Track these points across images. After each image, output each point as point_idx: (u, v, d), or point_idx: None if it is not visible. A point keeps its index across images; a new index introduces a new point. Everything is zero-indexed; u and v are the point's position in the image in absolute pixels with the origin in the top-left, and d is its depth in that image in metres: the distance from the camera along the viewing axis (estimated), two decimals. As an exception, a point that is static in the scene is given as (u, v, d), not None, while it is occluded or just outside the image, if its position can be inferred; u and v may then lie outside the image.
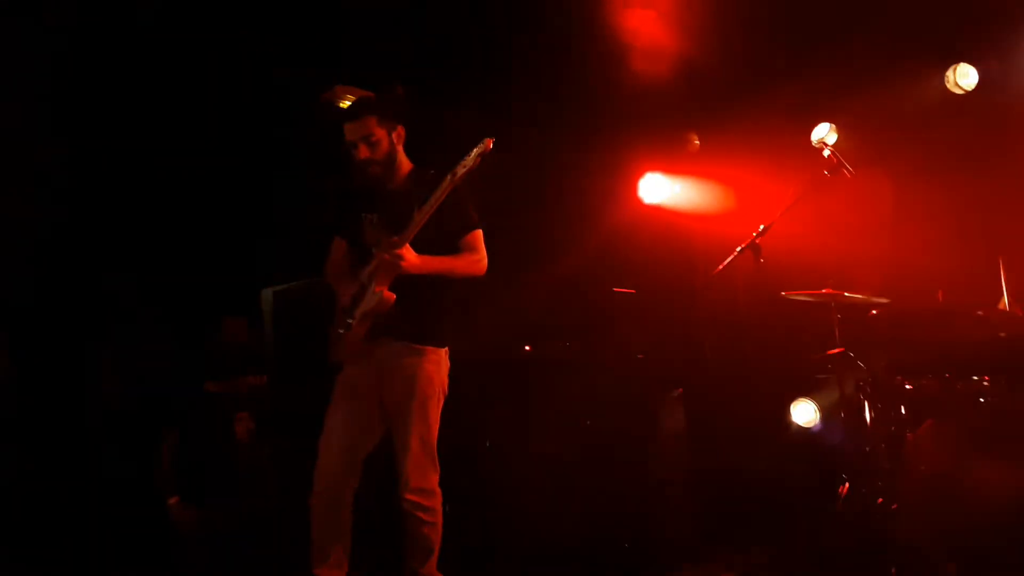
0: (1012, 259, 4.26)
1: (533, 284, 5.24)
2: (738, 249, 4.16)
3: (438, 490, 3.60)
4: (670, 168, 5.93)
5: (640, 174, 5.93)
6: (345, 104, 5.38)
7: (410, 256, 3.44)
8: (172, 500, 4.40)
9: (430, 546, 3.58)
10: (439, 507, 3.59)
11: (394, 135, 3.70)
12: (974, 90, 5.04)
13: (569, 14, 5.07)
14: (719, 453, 5.11)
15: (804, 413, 5.09)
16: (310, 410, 4.49)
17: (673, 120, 5.81)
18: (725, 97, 5.52)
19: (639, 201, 5.92)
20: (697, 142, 5.93)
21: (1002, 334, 4.14)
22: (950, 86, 5.07)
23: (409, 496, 3.51)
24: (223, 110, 5.07)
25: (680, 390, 5.24)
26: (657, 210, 5.92)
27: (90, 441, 4.65)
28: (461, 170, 3.36)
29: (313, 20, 4.91)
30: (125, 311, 4.97)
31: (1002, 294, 4.23)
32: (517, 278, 5.03)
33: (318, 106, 5.34)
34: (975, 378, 3.93)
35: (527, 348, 5.28)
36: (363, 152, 3.63)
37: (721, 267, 4.24)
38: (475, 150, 3.34)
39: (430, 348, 3.64)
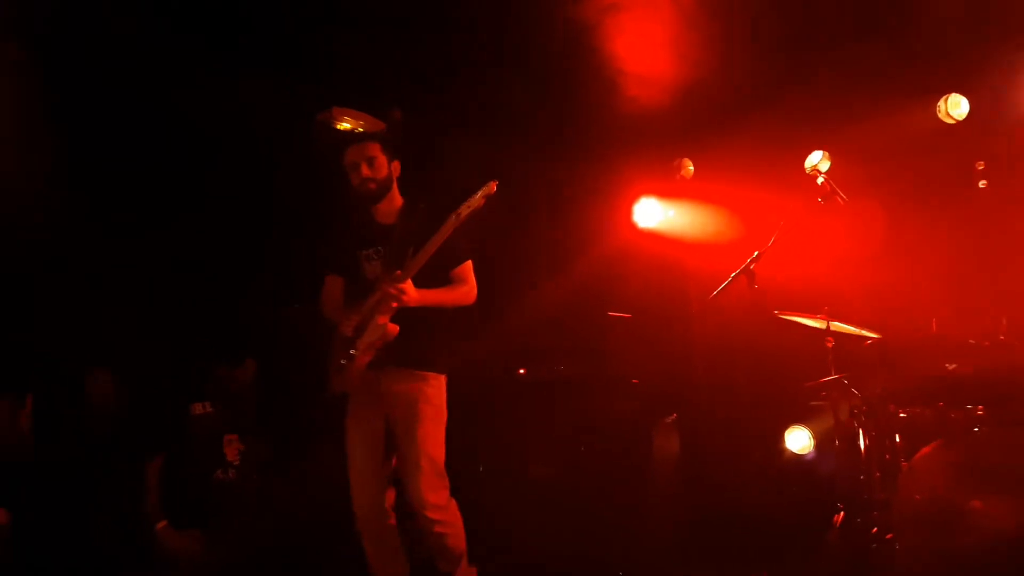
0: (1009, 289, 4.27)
1: (528, 307, 5.24)
2: (732, 275, 4.17)
3: (452, 500, 3.77)
4: (664, 193, 5.95)
5: (635, 199, 5.95)
6: (342, 126, 5.40)
7: (411, 291, 3.60)
8: (160, 525, 4.35)
9: (459, 550, 3.78)
10: (456, 515, 3.78)
11: (392, 165, 3.85)
12: (965, 119, 5.08)
13: (563, 39, 5.10)
14: (713, 479, 5.11)
15: (798, 440, 5.07)
16: (300, 433, 4.47)
17: (667, 145, 5.84)
18: (719, 123, 5.55)
19: (634, 226, 5.93)
20: (691, 167, 5.96)
21: (996, 364, 4.15)
22: (942, 116, 5.11)
23: (428, 514, 3.66)
24: (226, 146, 5.09)
25: (675, 415, 5.24)
26: (652, 235, 5.93)
27: (78, 465, 4.58)
28: (465, 211, 3.50)
29: (312, 48, 4.94)
30: (117, 332, 4.92)
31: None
32: (512, 301, 5.03)
33: (314, 127, 5.35)
34: (969, 407, 3.93)
35: (522, 371, 5.28)
36: (364, 171, 3.77)
37: (716, 293, 4.24)
38: (480, 192, 3.48)
39: (431, 374, 3.80)
